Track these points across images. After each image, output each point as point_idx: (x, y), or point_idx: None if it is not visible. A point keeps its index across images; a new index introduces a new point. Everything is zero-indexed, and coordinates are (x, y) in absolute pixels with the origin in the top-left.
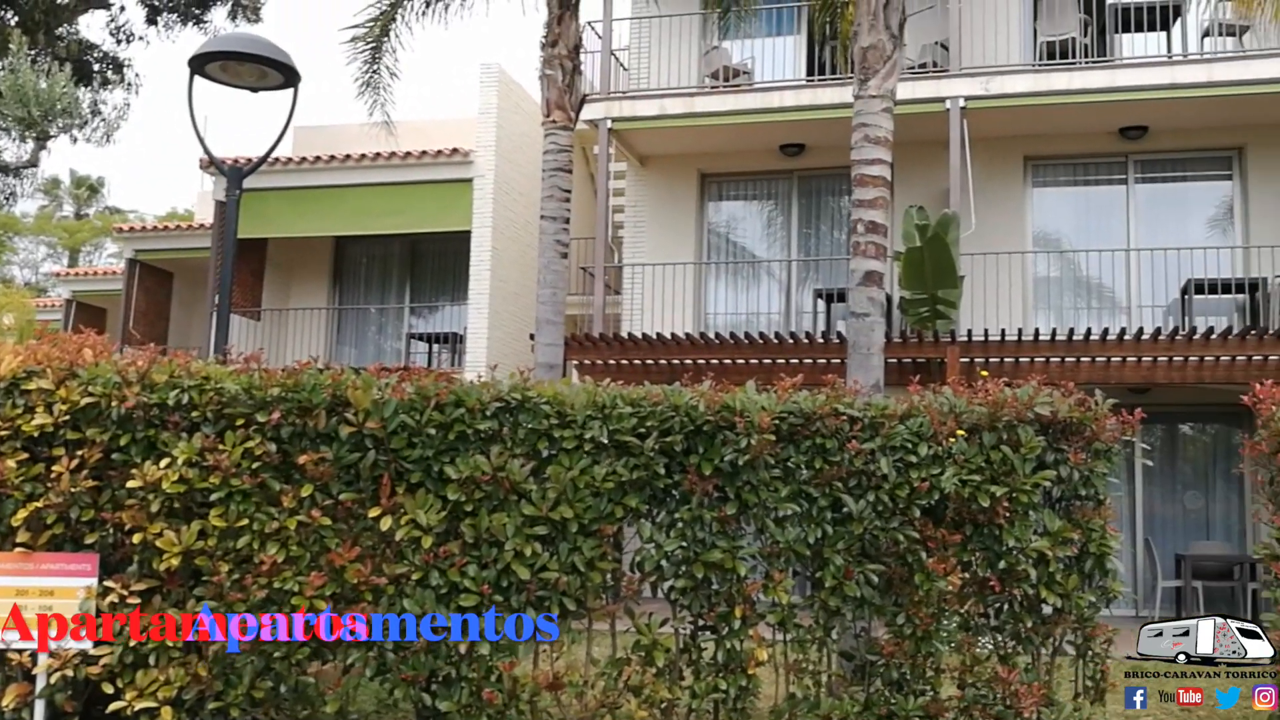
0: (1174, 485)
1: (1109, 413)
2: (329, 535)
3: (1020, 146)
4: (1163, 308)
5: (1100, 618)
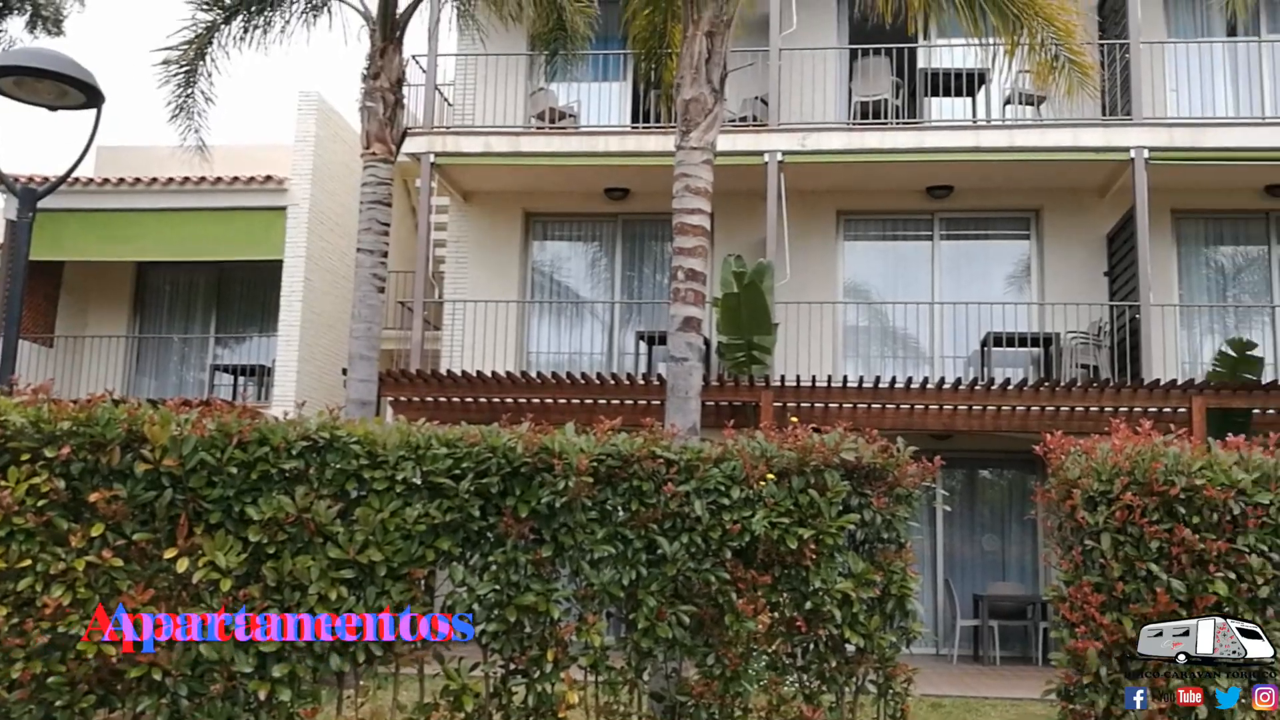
0: (973, 528)
1: (910, 459)
2: (121, 577)
3: (834, 201)
4: (964, 358)
5: (901, 657)
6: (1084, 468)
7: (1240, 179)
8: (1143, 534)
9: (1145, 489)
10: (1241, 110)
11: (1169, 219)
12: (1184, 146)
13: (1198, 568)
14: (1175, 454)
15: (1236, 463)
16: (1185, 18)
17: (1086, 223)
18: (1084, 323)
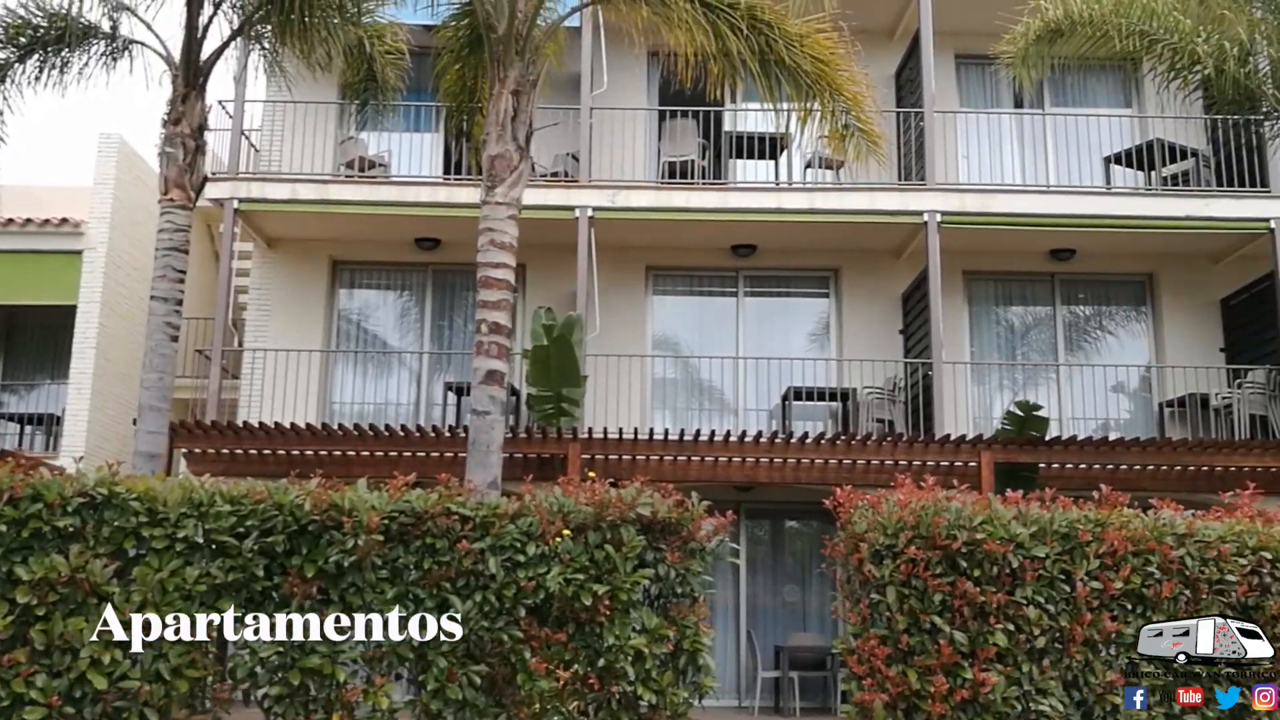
0: (777, 579)
1: (705, 513)
2: None
3: (644, 256)
4: (767, 411)
5: (699, 711)
6: (871, 522)
7: (1027, 243)
8: (926, 587)
9: (929, 543)
10: (1028, 178)
11: (961, 280)
12: (974, 211)
13: (979, 619)
14: (957, 509)
15: (1015, 517)
16: (976, 89)
17: (883, 282)
18: (880, 378)
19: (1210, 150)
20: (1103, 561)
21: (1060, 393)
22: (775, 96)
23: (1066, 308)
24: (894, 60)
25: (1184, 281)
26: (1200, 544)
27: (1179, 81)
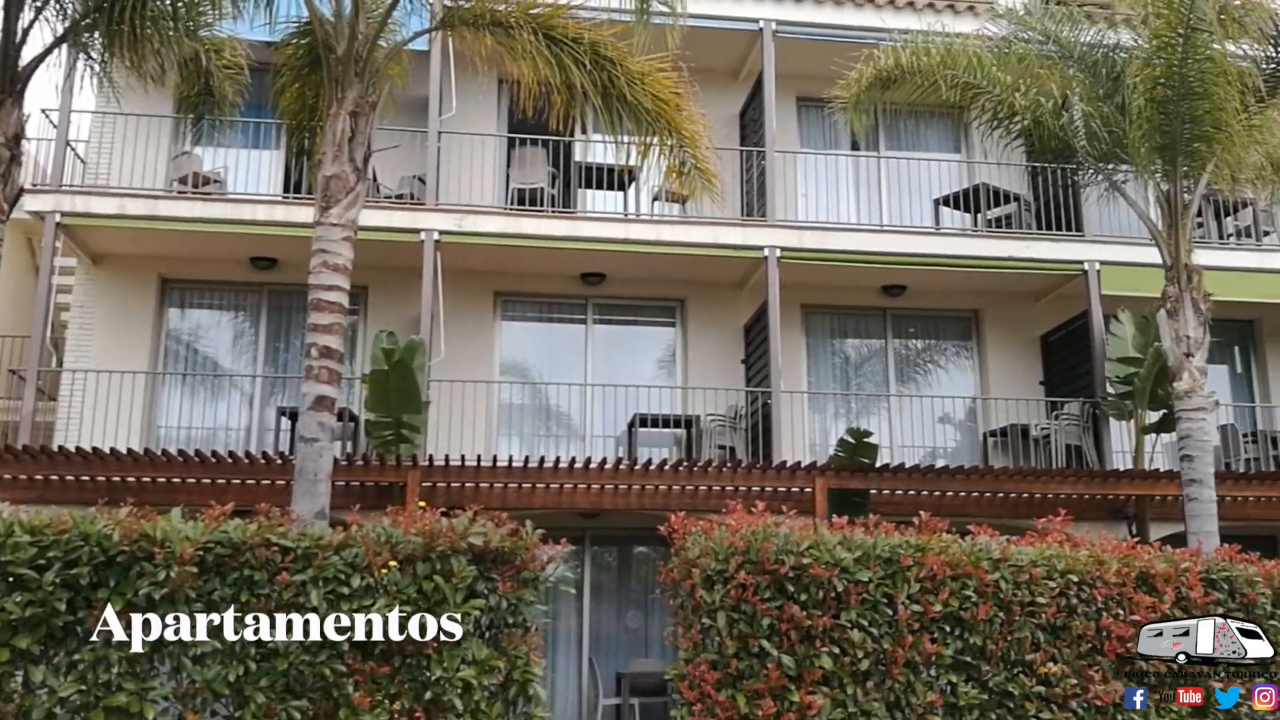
0: (623, 605)
1: (539, 541)
2: None
3: (492, 282)
4: (614, 438)
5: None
6: (703, 548)
7: (862, 279)
8: (756, 611)
9: (758, 568)
10: (863, 217)
11: (799, 312)
12: (812, 248)
13: (806, 643)
14: (785, 534)
15: (840, 542)
16: (816, 130)
17: (726, 313)
18: (723, 406)
19: (1031, 195)
20: (923, 585)
21: (891, 422)
22: (617, 131)
23: (898, 341)
24: (738, 100)
25: (1007, 318)
26: (1014, 568)
27: (1001, 130)
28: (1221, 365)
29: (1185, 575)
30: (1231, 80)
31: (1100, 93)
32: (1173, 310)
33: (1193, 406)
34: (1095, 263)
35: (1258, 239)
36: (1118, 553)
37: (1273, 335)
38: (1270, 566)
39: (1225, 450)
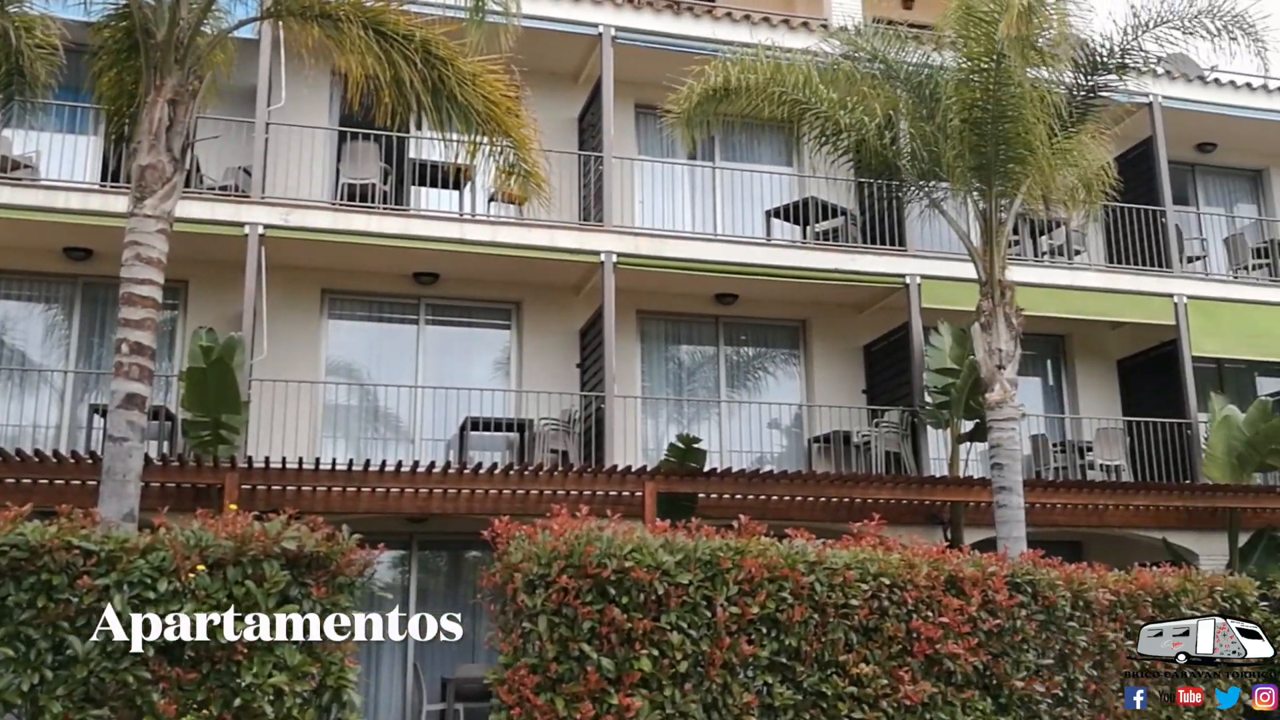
0: (448, 610)
1: (355, 546)
2: None
3: (319, 279)
4: (444, 441)
5: None
6: (526, 552)
7: (696, 287)
8: (577, 615)
9: (581, 571)
10: (698, 226)
11: (635, 318)
12: (648, 254)
13: (625, 646)
14: (608, 538)
15: (663, 545)
16: (654, 137)
17: (562, 317)
18: (557, 410)
19: (858, 210)
20: (741, 587)
21: (722, 427)
22: (447, 130)
23: (729, 348)
24: (578, 104)
25: (832, 328)
26: (829, 571)
27: (829, 147)
28: (1034, 378)
29: (992, 579)
30: (1040, 105)
31: (923, 113)
32: (986, 324)
33: (1003, 417)
34: (916, 276)
35: (1069, 258)
36: (928, 557)
37: (1082, 350)
38: (1071, 570)
39: (1035, 459)
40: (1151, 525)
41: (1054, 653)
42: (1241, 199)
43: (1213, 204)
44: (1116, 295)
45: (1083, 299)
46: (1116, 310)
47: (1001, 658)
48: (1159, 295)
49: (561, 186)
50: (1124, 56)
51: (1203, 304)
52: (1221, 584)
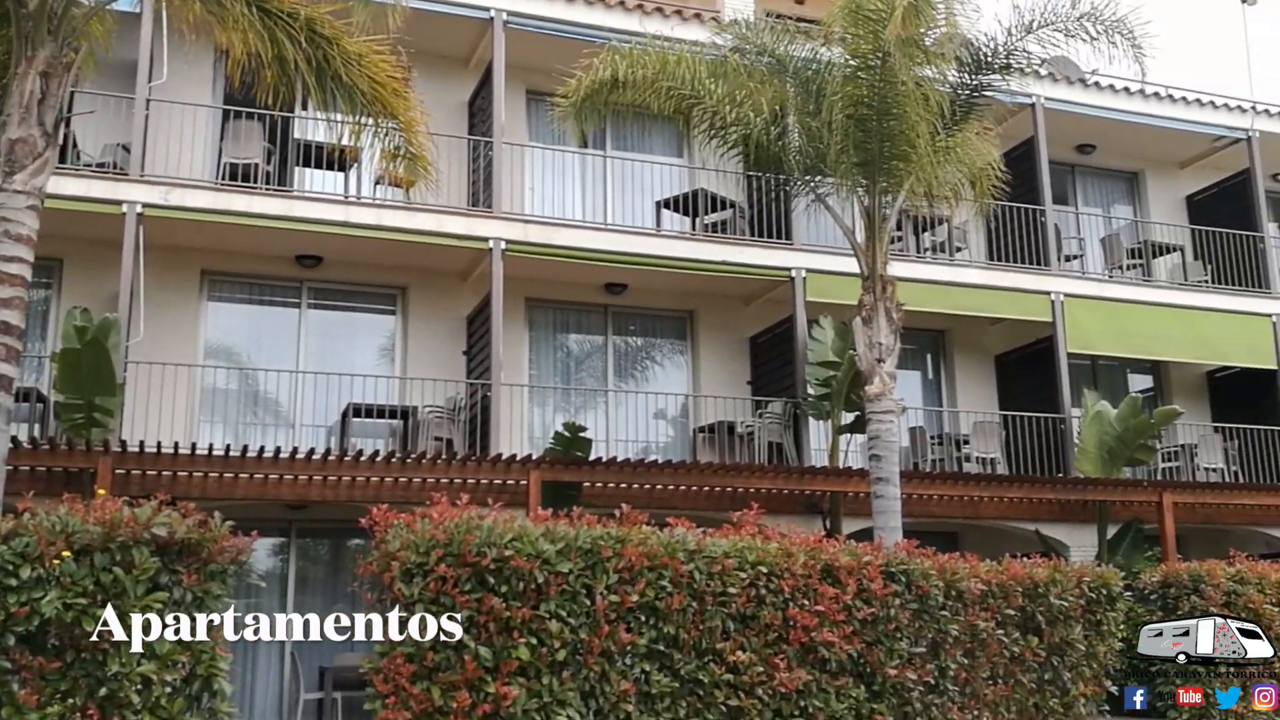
0: (333, 598)
1: (228, 534)
2: None
3: (199, 260)
4: (325, 428)
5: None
6: (404, 540)
7: (586, 275)
8: (455, 604)
9: (460, 560)
10: (589, 214)
11: (523, 306)
12: (537, 242)
13: (504, 634)
14: (489, 527)
15: (544, 534)
16: (545, 124)
17: (449, 304)
18: (442, 397)
19: (747, 203)
20: (621, 576)
21: (610, 416)
22: (332, 110)
23: (618, 338)
24: (468, 88)
25: (719, 320)
26: (708, 559)
27: (718, 140)
28: (914, 371)
29: (867, 568)
30: (923, 103)
31: (810, 108)
32: (867, 318)
33: (882, 409)
34: (802, 270)
35: (951, 254)
36: (805, 546)
37: (962, 344)
38: (944, 560)
39: (914, 451)
40: (1025, 517)
41: (926, 641)
42: (1118, 200)
43: (1091, 204)
44: (995, 292)
45: (963, 295)
46: (995, 307)
47: (875, 646)
48: (1037, 293)
49: (450, 171)
50: (1008, 57)
51: (1078, 302)
52: (1089, 575)
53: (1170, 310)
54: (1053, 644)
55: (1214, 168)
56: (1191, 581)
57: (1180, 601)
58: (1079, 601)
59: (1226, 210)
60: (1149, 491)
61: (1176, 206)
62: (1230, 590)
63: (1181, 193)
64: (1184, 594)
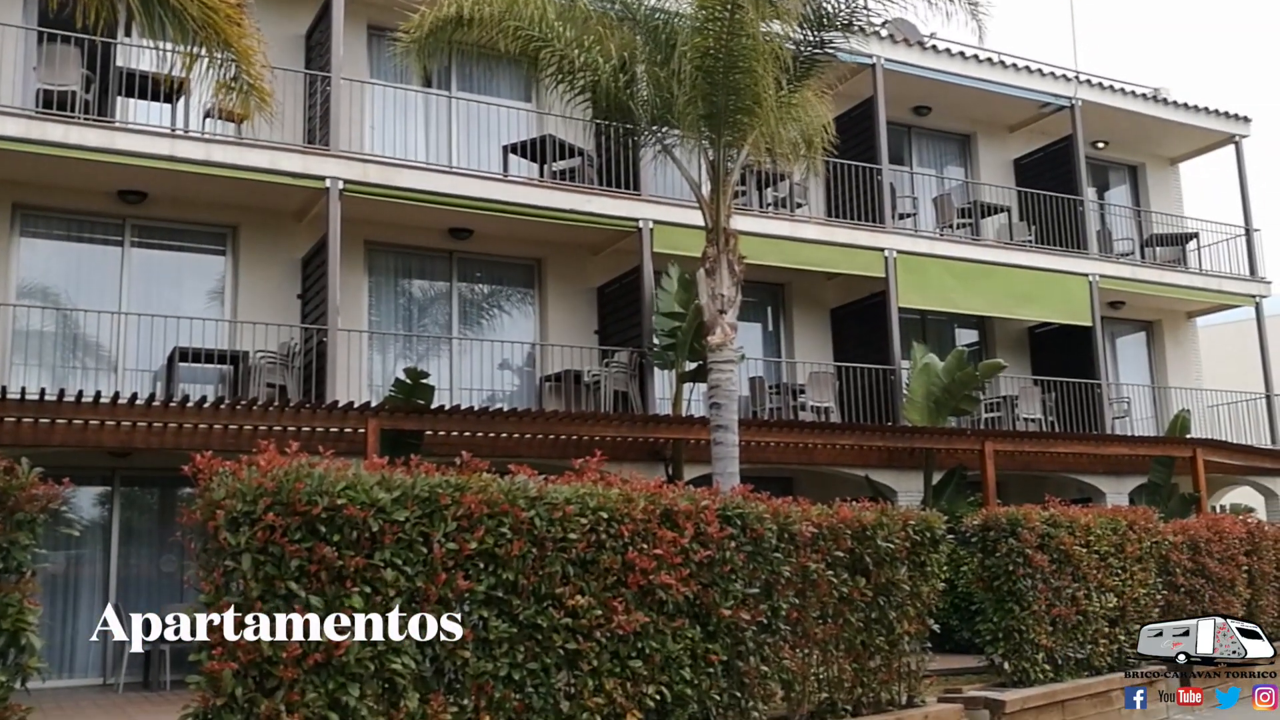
0: (154, 549)
1: (37, 481)
2: None
3: (10, 193)
4: (150, 373)
5: (58, 693)
6: (230, 489)
7: (429, 219)
8: (284, 553)
9: (289, 509)
10: (433, 157)
11: (363, 249)
12: (378, 183)
13: (336, 583)
14: (320, 475)
15: (379, 483)
16: (388, 62)
17: (283, 245)
18: (275, 342)
19: (595, 152)
20: (460, 524)
21: (454, 365)
22: (160, 37)
23: (463, 284)
24: (305, 21)
25: (567, 269)
26: (549, 505)
27: (565, 85)
28: (755, 323)
29: (704, 512)
30: (770, 58)
31: (658, 58)
32: (711, 270)
33: (723, 359)
34: (649, 221)
35: (791, 210)
36: (645, 491)
37: (800, 298)
38: (777, 504)
39: (753, 400)
40: (856, 464)
41: (760, 582)
42: (951, 161)
43: (925, 165)
44: (833, 248)
45: (802, 250)
46: (832, 261)
47: (711, 587)
48: (871, 249)
49: (286, 107)
50: (851, 14)
51: (910, 259)
52: (914, 518)
53: (996, 268)
54: (879, 584)
55: (1040, 133)
56: (1009, 525)
57: (999, 544)
58: (904, 544)
59: (1050, 174)
60: (972, 440)
61: (1005, 169)
62: (1044, 533)
63: (1010, 156)
64: (1002, 536)
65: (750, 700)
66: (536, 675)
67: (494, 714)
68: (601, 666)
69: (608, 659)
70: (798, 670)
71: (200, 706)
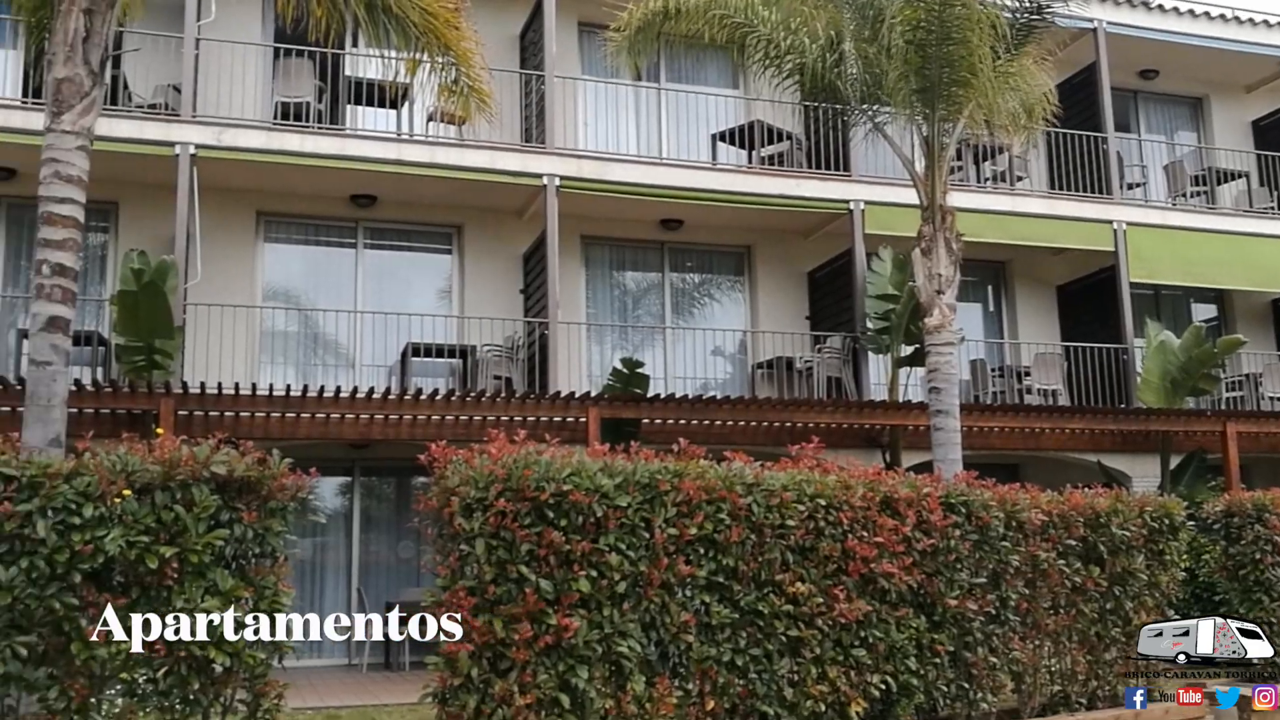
0: (398, 535)
1: (287, 471)
2: None
3: (254, 201)
4: (385, 368)
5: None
6: (463, 476)
7: (641, 211)
8: (515, 538)
9: (518, 495)
10: (643, 149)
11: (579, 243)
12: (592, 178)
13: (564, 568)
14: (547, 462)
15: (601, 469)
16: (598, 57)
17: (505, 242)
18: (500, 336)
19: (803, 134)
20: (679, 509)
21: (667, 354)
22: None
23: (675, 274)
24: (519, 21)
25: (777, 254)
26: (766, 492)
27: (773, 70)
28: (974, 304)
29: (926, 499)
30: (986, 27)
31: (866, 34)
32: (927, 249)
33: (941, 341)
34: (860, 202)
35: (1011, 184)
36: (863, 478)
37: (1023, 276)
38: (1004, 491)
39: (975, 383)
40: (1087, 448)
41: (987, 572)
42: (1182, 126)
43: (1153, 131)
44: (1057, 221)
45: (1023, 225)
46: (1057, 236)
47: (935, 576)
48: (1099, 222)
49: (503, 107)
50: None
51: (1141, 230)
52: (1151, 504)
53: (1235, 238)
54: (1114, 574)
55: None
56: (1255, 510)
57: (1244, 530)
58: (1141, 531)
59: None
60: (1212, 421)
61: (1242, 131)
62: None
63: (1247, 117)
64: (1248, 522)
65: (979, 691)
66: (759, 661)
67: (719, 699)
68: (824, 654)
69: (830, 647)
70: (1028, 662)
71: (439, 686)
